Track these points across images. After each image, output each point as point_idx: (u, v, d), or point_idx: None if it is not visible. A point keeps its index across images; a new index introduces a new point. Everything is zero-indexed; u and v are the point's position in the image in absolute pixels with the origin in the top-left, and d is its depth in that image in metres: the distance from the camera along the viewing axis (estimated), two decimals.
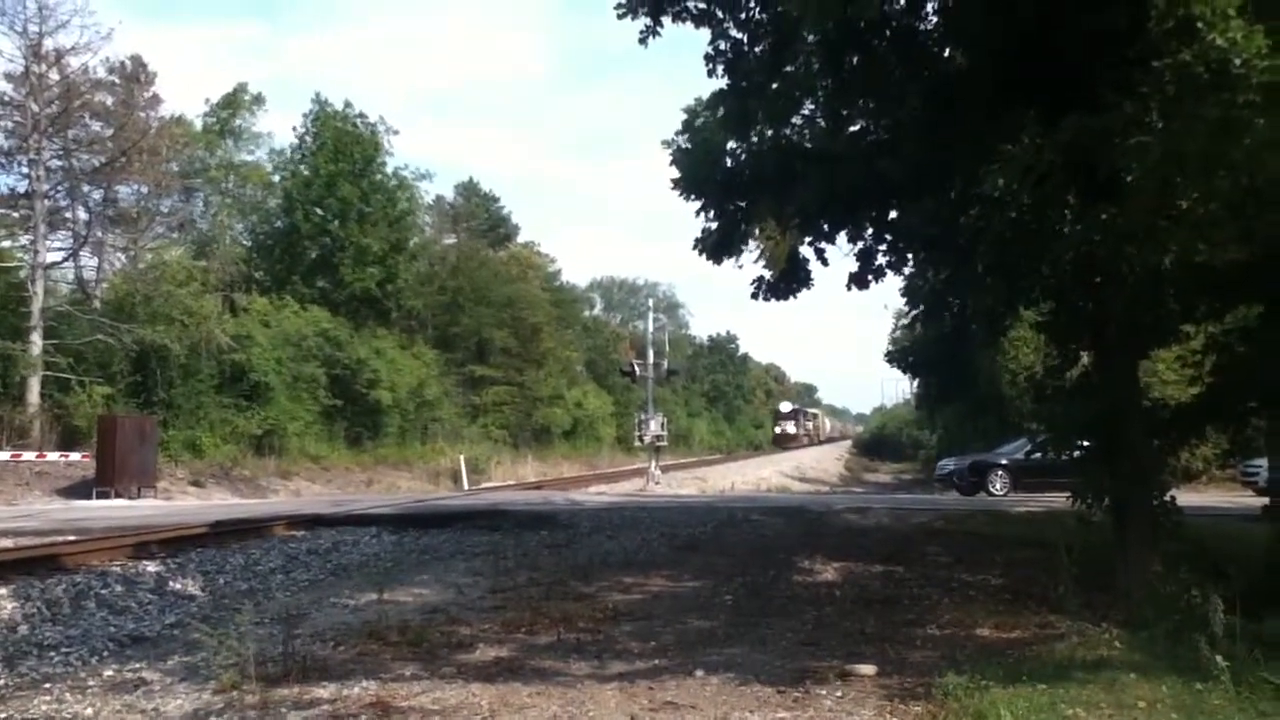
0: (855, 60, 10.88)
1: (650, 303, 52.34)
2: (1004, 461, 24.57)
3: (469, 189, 68.35)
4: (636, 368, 34.42)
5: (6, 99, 31.85)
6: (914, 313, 16.54)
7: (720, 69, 11.77)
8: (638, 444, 31.77)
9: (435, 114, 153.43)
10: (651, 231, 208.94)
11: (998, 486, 24.24)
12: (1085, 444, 10.64)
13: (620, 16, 11.46)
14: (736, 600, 9.93)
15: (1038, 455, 12.65)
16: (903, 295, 15.73)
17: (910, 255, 13.03)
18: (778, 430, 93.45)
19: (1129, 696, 5.98)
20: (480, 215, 67.16)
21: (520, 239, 70.04)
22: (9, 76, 31.41)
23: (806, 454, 73.52)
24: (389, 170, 46.11)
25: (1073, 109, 8.16)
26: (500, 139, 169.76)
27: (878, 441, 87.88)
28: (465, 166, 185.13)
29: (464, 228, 64.26)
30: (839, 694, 6.36)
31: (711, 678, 6.78)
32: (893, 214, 12.50)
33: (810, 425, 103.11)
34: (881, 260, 13.05)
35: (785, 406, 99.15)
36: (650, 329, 36.98)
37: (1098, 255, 8.65)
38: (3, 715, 6.44)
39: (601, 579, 11.24)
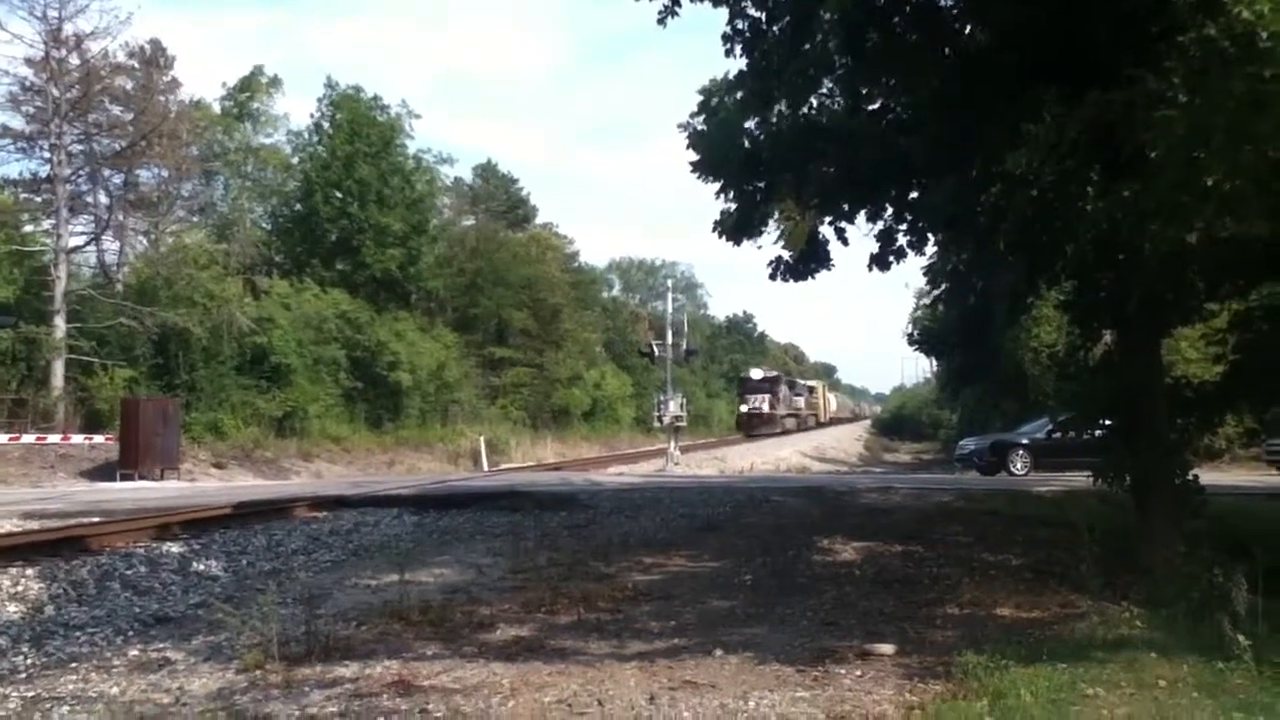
0: (875, 38, 10.79)
1: (669, 283, 52.16)
2: (1025, 441, 24.45)
3: (487, 171, 68.40)
4: (655, 348, 34.40)
5: (28, 84, 32.07)
6: (935, 292, 16.52)
7: (739, 49, 11.69)
8: (656, 425, 31.75)
9: (452, 99, 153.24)
10: (669, 213, 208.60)
11: (1018, 466, 24.14)
12: (1107, 423, 10.59)
13: None
14: (756, 580, 9.93)
15: (1059, 434, 12.62)
16: (924, 275, 15.68)
17: (931, 235, 12.94)
18: (745, 409, 61.21)
19: (1150, 676, 5.97)
20: (499, 197, 67.22)
21: (538, 220, 70.10)
22: (30, 62, 31.61)
23: (821, 435, 68.97)
24: (409, 153, 46.14)
25: (1095, 85, 8.07)
26: (517, 125, 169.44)
27: (897, 421, 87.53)
28: (483, 151, 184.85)
29: (483, 209, 64.32)
30: (858, 673, 6.37)
31: (731, 657, 6.80)
32: (914, 193, 12.42)
33: (801, 402, 73.23)
34: (902, 240, 12.98)
35: (756, 373, 65.21)
36: (669, 309, 36.93)
37: (1121, 233, 8.57)
38: (30, 694, 6.52)
39: (621, 559, 11.26)
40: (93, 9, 30.43)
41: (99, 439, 27.24)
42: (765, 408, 59.47)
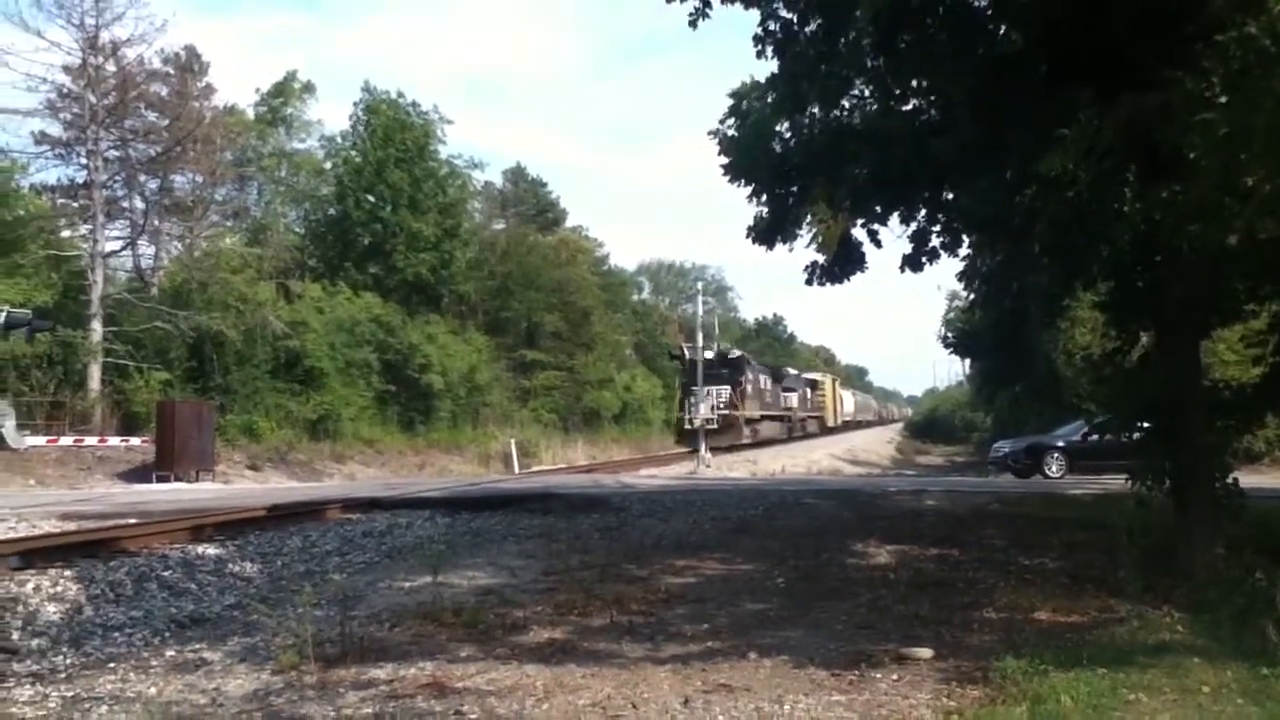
0: (908, 39, 10.74)
1: (699, 286, 52.10)
2: (1060, 443, 24.22)
3: (517, 174, 68.69)
4: (686, 351, 34.33)
5: (65, 91, 32.55)
6: (969, 294, 16.42)
7: (770, 50, 11.68)
8: (687, 427, 31.72)
9: (481, 103, 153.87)
10: (700, 216, 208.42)
11: (1054, 469, 23.92)
12: (1145, 425, 10.47)
13: (669, 0, 11.41)
14: (789, 583, 9.89)
15: (1095, 437, 12.50)
16: (958, 277, 15.58)
17: (965, 236, 12.86)
18: (687, 414, 38.98)
19: (1193, 681, 5.88)
20: (529, 200, 67.46)
21: (568, 224, 70.25)
22: (67, 69, 32.09)
23: (856, 437, 66.97)
24: (441, 158, 46.39)
25: (1129, 87, 7.98)
26: (547, 128, 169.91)
27: (930, 424, 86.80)
28: (510, 154, 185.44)
29: (513, 213, 64.57)
30: (894, 677, 6.32)
31: (765, 660, 6.77)
32: (947, 195, 12.34)
33: (794, 399, 55.70)
34: (935, 242, 12.90)
35: (710, 352, 40.83)
36: (699, 312, 36.90)
37: (1159, 234, 8.48)
38: (70, 694, 6.59)
39: (653, 561, 11.25)
40: (129, 16, 30.91)
41: (135, 441, 27.56)
42: (705, 409, 36.11)
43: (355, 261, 42.74)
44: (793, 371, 62.16)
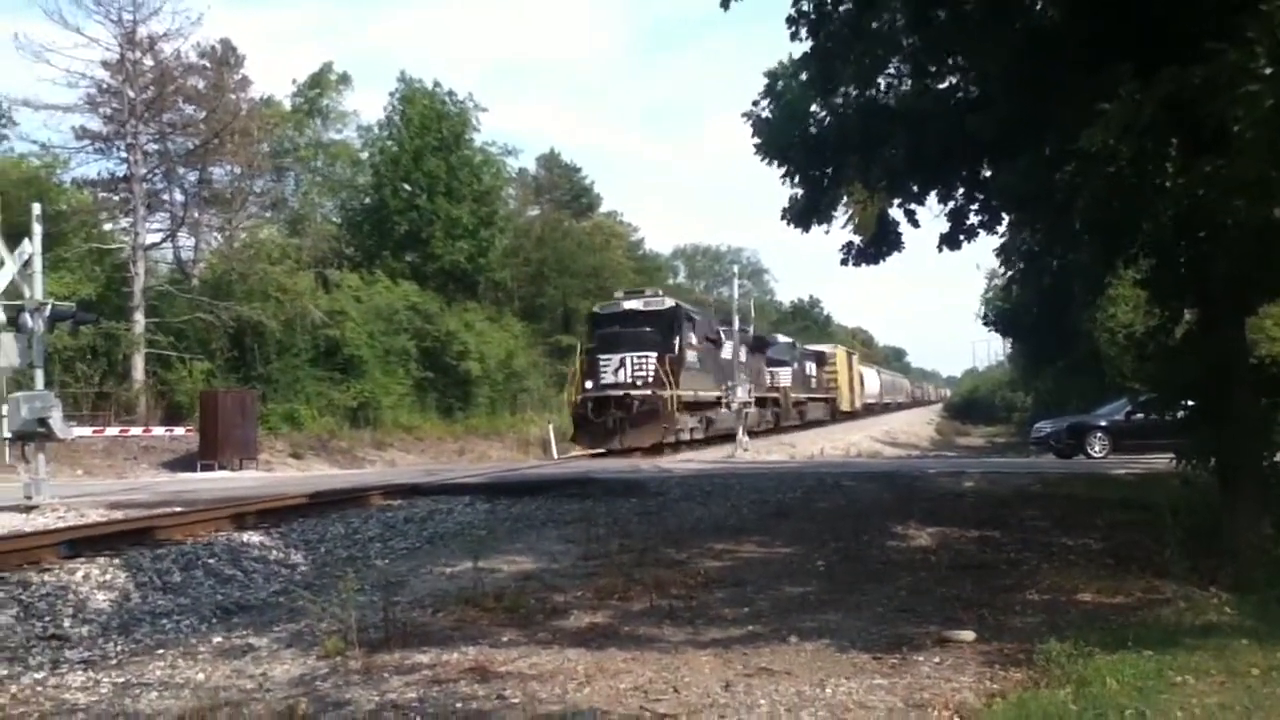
0: (942, 16, 10.62)
1: (734, 269, 51.87)
2: (1103, 423, 23.94)
3: (551, 160, 68.74)
4: (722, 334, 34.25)
5: (104, 86, 32.94)
6: (1008, 273, 16.23)
7: (804, 31, 11.60)
8: (724, 410, 31.55)
9: (513, 88, 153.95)
10: (734, 198, 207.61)
11: (1097, 449, 23.65)
12: (1190, 404, 10.32)
13: None
14: (829, 566, 9.86)
15: (1139, 416, 12.32)
16: (996, 255, 15.41)
17: (1004, 214, 12.72)
18: (592, 386, 28.52)
19: (1241, 663, 5.80)
20: (563, 186, 67.55)
21: (602, 209, 70.26)
22: (106, 64, 32.47)
23: (894, 419, 65.07)
24: (476, 145, 46.53)
25: (1171, 60, 7.84)
26: (579, 113, 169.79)
27: (969, 404, 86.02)
28: (544, 140, 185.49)
29: (547, 199, 64.70)
30: (937, 660, 6.29)
31: (806, 644, 6.76)
32: (985, 172, 12.21)
33: (785, 377, 43.14)
34: (974, 220, 12.77)
35: (632, 303, 30.36)
36: (735, 295, 36.63)
37: (1202, 210, 8.33)
38: (121, 680, 6.71)
39: (692, 545, 11.26)
40: (165, 11, 31.37)
41: (179, 431, 27.94)
42: (638, 381, 27.81)
43: (392, 250, 42.99)
44: (784, 339, 47.32)
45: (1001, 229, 13.19)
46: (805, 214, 12.89)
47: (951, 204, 12.72)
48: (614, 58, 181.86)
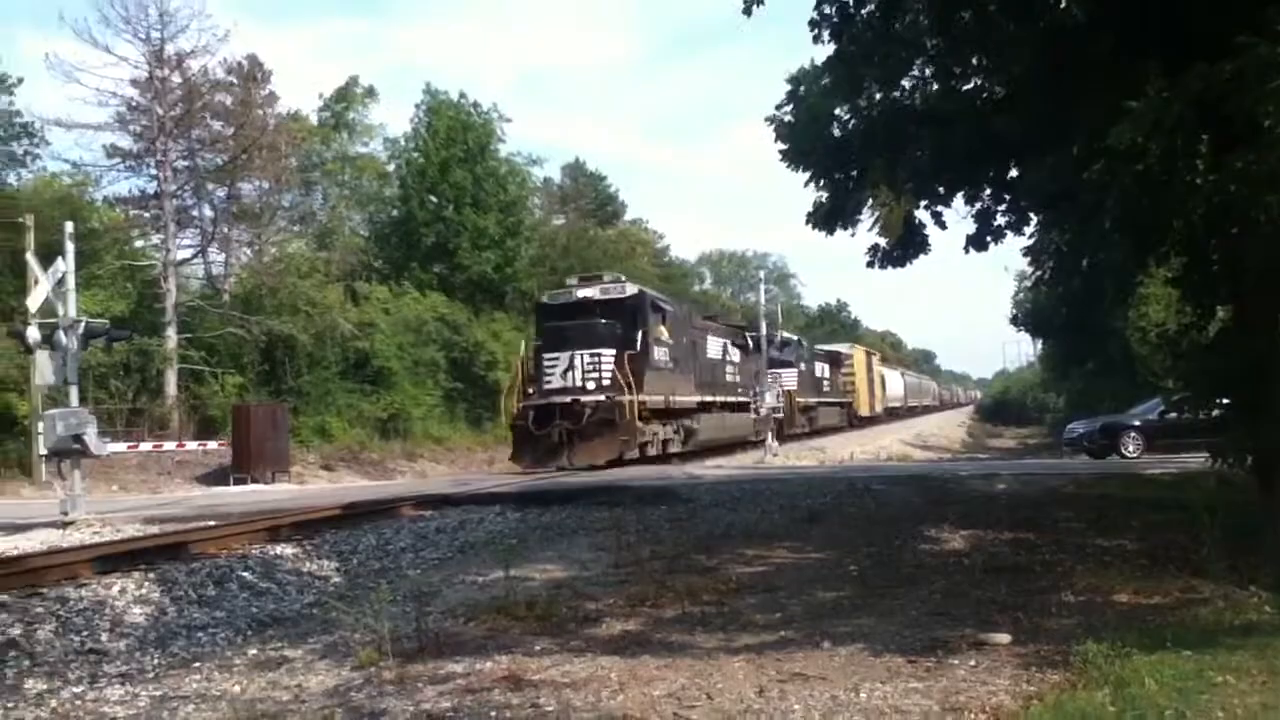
0: (966, 17, 10.60)
1: (761, 274, 51.73)
2: (1137, 423, 23.76)
3: (575, 169, 68.92)
4: (750, 340, 34.18)
5: (134, 104, 33.33)
6: (1038, 273, 16.14)
7: (826, 34, 11.61)
8: (754, 417, 31.43)
9: (537, 98, 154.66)
10: (758, 204, 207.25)
11: (1131, 449, 23.45)
12: (1225, 401, 10.21)
13: None
14: (862, 571, 9.81)
15: (1173, 415, 12.21)
16: (1024, 255, 15.33)
17: (1032, 214, 12.67)
18: (535, 393, 24.20)
19: None
20: (588, 195, 67.69)
21: (628, 217, 70.37)
22: (135, 82, 32.84)
23: (923, 422, 64.65)
24: (501, 156, 46.73)
25: (1199, 56, 7.77)
26: (602, 121, 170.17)
27: (1000, 406, 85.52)
28: (568, 149, 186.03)
29: (572, 208, 64.83)
30: (972, 663, 6.24)
31: (840, 649, 6.72)
32: (1012, 172, 12.17)
33: (792, 380, 38.46)
34: (1001, 220, 12.74)
35: (586, 291, 25.54)
36: (762, 301, 36.53)
37: (1234, 205, 8.25)
38: (158, 693, 6.76)
39: (723, 552, 11.23)
40: (192, 28, 31.58)
41: (212, 444, 28.17)
42: (590, 384, 23.67)
43: (420, 261, 43.20)
44: (790, 336, 42.48)
45: (1030, 229, 13.16)
46: (830, 218, 12.89)
47: (978, 205, 12.69)
48: (637, 65, 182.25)
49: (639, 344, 24.22)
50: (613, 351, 23.62)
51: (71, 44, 66.61)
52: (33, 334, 15.39)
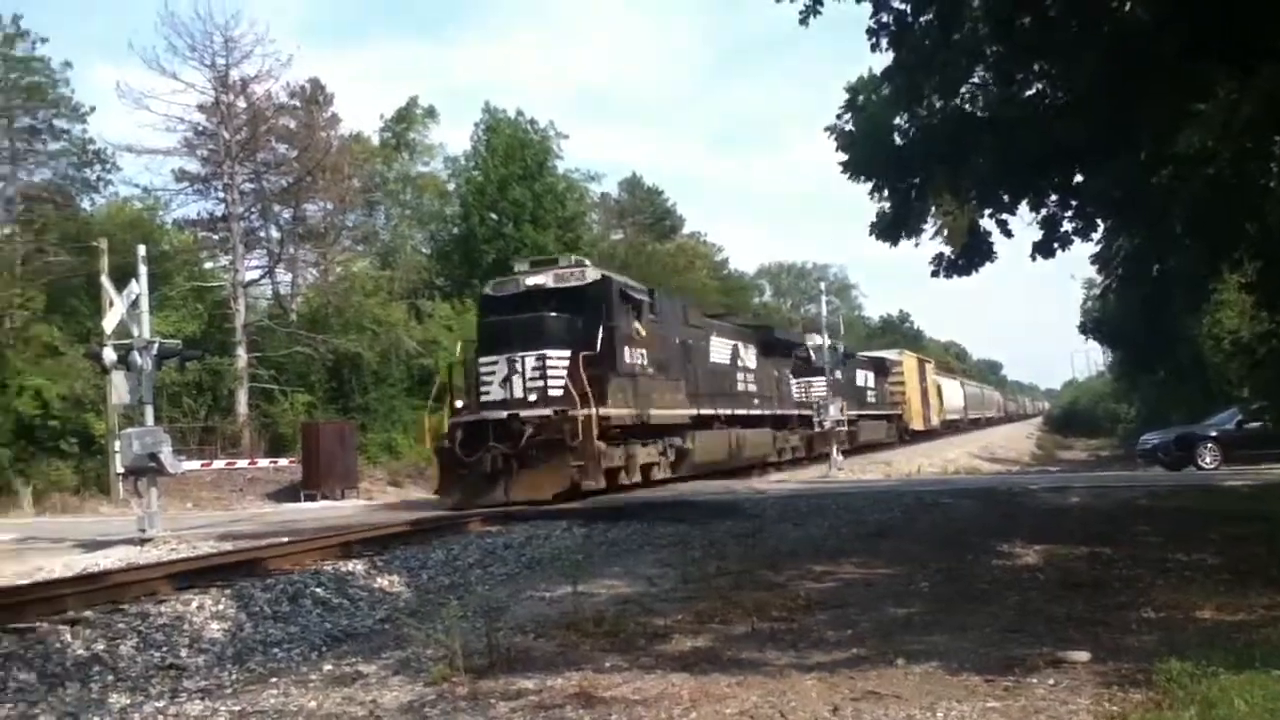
0: (1027, 22, 10.48)
1: (822, 285, 51.42)
2: (1214, 433, 23.12)
3: (633, 184, 69.13)
4: (811, 353, 33.95)
5: (201, 129, 34.20)
6: (1106, 280, 15.88)
7: (884, 42, 11.55)
8: (818, 429, 31.11)
9: (593, 114, 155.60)
10: (817, 215, 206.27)
11: (1207, 460, 22.82)
12: None
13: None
14: (933, 587, 9.67)
15: (1253, 425, 11.92)
16: (1092, 262, 15.11)
17: (1099, 220, 12.47)
18: (466, 405, 19.45)
19: None
20: (645, 209, 67.86)
21: (685, 230, 70.42)
22: (202, 108, 33.70)
23: (988, 435, 64.23)
24: (559, 173, 47.10)
25: (1270, 57, 7.61)
26: (659, 136, 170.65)
27: (1070, 416, 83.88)
28: (626, 163, 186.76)
29: (630, 222, 65.03)
30: (1051, 681, 6.11)
31: (914, 666, 6.63)
32: (1077, 178, 11.99)
33: (819, 388, 31.54)
34: (1068, 227, 12.56)
35: (535, 279, 20.48)
36: (824, 313, 36.24)
37: None
38: (237, 708, 6.86)
39: (791, 567, 11.14)
40: (256, 54, 32.32)
41: (283, 462, 28.69)
42: (533, 395, 18.63)
43: (481, 278, 43.57)
44: (821, 340, 33.30)
45: (1097, 236, 12.96)
46: (893, 228, 12.81)
47: (1044, 212, 12.52)
48: (694, 79, 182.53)
49: (600, 343, 19.24)
50: (565, 353, 18.75)
51: (140, 72, 68.44)
52: (109, 355, 15.81)
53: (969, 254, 13.00)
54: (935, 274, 13.30)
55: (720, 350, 26.44)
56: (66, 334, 30.98)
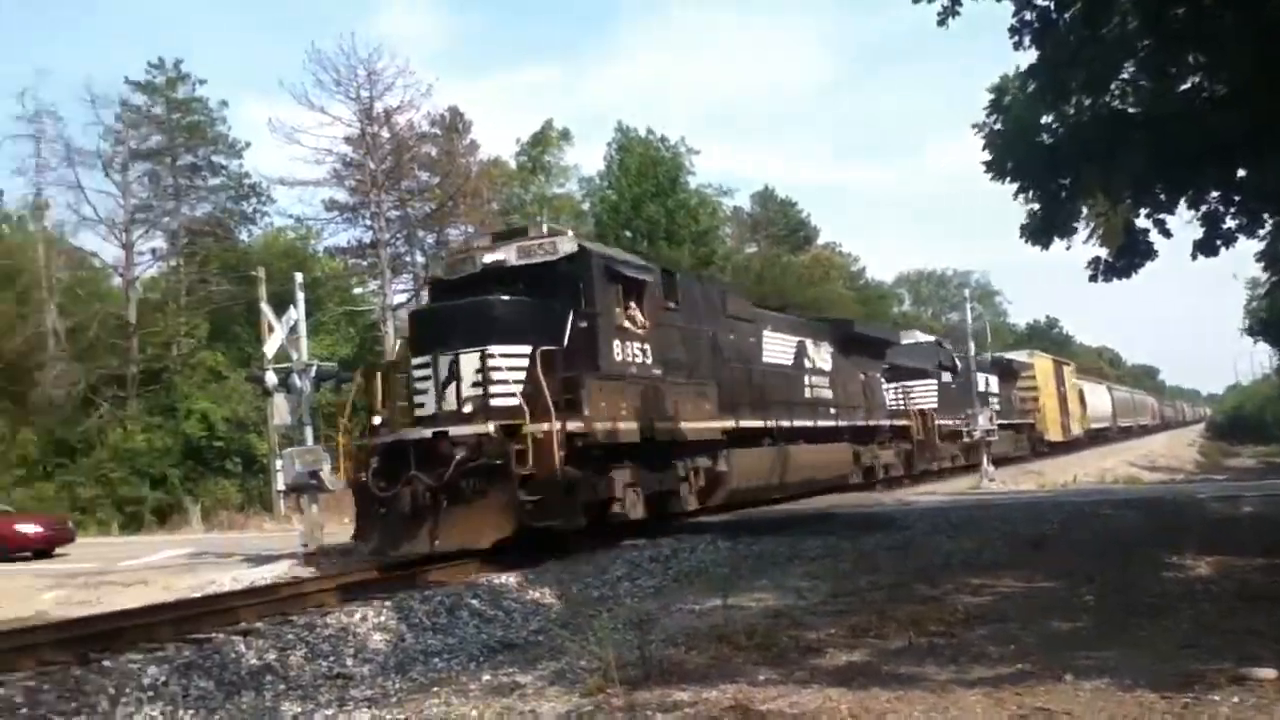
0: (1179, 14, 10.08)
1: (966, 292, 50.19)
2: None
3: (765, 197, 68.90)
4: (956, 361, 33.17)
5: (348, 160, 35.61)
6: (1273, 278, 15.09)
7: (1028, 40, 11.29)
8: (966, 439, 30.23)
9: (726, 129, 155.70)
10: (957, 221, 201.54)
11: None
12: None
13: (916, 0, 11.22)
14: (1098, 600, 9.30)
15: None
16: (1258, 260, 14.40)
17: (1265, 216, 11.87)
18: (381, 444, 14.42)
19: None
20: (779, 222, 67.53)
21: (820, 241, 69.75)
22: (348, 140, 35.12)
23: (1146, 444, 62.26)
24: (691, 188, 47.31)
25: None
26: (792, 147, 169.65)
27: (1234, 422, 79.64)
28: (758, 177, 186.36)
29: (764, 235, 64.80)
30: (1235, 699, 5.80)
31: (1084, 683, 6.38)
32: (1239, 172, 11.46)
33: (923, 394, 29.94)
34: (1231, 224, 12.00)
35: (500, 254, 15.21)
36: (969, 320, 35.28)
37: None
38: (401, 717, 7.08)
39: (945, 580, 10.88)
40: (398, 86, 33.51)
41: None
42: (469, 405, 13.87)
43: None
44: (922, 337, 33.04)
45: (1263, 232, 12.34)
46: (1044, 230, 12.46)
47: (1204, 208, 12.00)
48: (827, 87, 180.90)
49: (571, 335, 14.33)
50: (522, 349, 14.02)
51: (291, 108, 71.69)
52: (270, 378, 16.60)
53: (1127, 255, 12.52)
54: (1093, 278, 12.86)
55: (777, 348, 21.23)
56: (229, 359, 32.63)
